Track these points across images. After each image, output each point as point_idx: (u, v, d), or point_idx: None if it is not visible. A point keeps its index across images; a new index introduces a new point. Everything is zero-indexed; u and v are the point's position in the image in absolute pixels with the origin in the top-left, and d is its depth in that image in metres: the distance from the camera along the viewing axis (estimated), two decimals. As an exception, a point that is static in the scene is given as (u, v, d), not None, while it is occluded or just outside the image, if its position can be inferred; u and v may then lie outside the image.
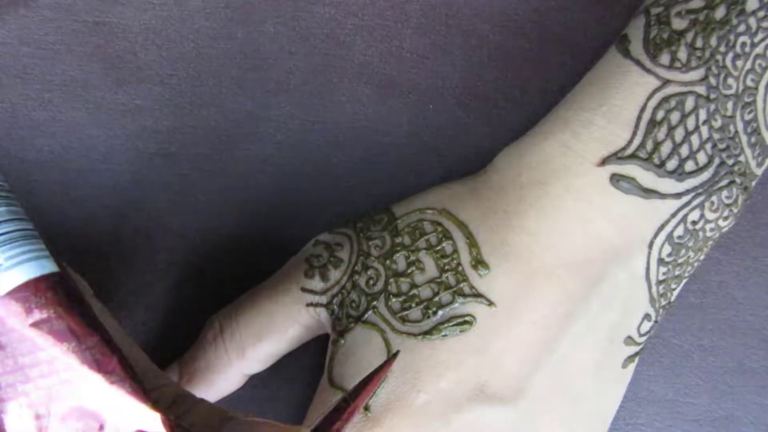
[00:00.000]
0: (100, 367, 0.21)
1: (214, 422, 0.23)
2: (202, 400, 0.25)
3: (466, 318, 0.30)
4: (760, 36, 0.30)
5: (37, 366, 0.20)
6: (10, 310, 0.20)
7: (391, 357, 0.29)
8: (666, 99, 0.30)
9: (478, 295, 0.30)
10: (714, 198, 0.30)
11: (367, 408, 0.30)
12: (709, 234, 0.31)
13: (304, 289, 0.33)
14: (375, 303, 0.31)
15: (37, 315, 0.20)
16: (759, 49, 0.30)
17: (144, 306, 0.37)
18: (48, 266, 0.21)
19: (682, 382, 0.38)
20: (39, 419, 0.20)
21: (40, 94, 0.36)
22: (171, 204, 0.37)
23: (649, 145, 0.30)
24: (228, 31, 0.36)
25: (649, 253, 0.30)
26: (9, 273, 0.20)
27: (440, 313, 0.30)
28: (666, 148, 0.30)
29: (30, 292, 0.20)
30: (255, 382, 0.36)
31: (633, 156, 0.30)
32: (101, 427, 0.21)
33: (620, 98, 0.30)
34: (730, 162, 0.30)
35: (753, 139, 0.31)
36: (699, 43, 0.30)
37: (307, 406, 0.33)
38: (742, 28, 0.30)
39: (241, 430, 0.23)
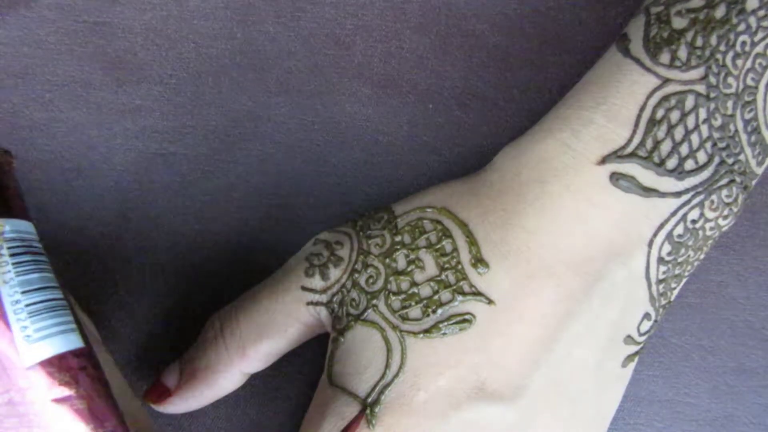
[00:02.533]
0: None
1: None
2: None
3: (466, 316, 0.30)
4: (760, 35, 0.30)
5: None
6: (34, 383, 0.20)
7: (359, 415, 0.30)
8: (666, 98, 0.30)
9: (477, 294, 0.30)
10: (714, 197, 0.30)
11: (371, 410, 0.30)
12: (709, 233, 0.31)
13: (304, 288, 0.33)
14: (375, 301, 0.31)
15: (59, 391, 0.20)
16: (759, 48, 0.30)
17: (144, 306, 0.37)
18: (75, 341, 0.21)
19: (682, 382, 0.38)
20: None
21: (40, 94, 0.36)
22: (171, 204, 0.37)
23: (649, 144, 0.30)
24: (228, 31, 0.36)
25: (649, 252, 0.30)
26: (36, 345, 0.20)
27: (440, 311, 0.30)
28: (666, 147, 0.30)
29: (55, 367, 0.20)
30: (255, 381, 0.36)
31: (633, 155, 0.30)
32: None
33: (620, 97, 0.30)
34: (730, 161, 0.30)
35: (753, 138, 0.31)
36: (699, 42, 0.30)
37: (307, 406, 0.33)
38: (742, 27, 0.30)
39: None
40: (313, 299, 0.33)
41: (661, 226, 0.30)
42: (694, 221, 0.30)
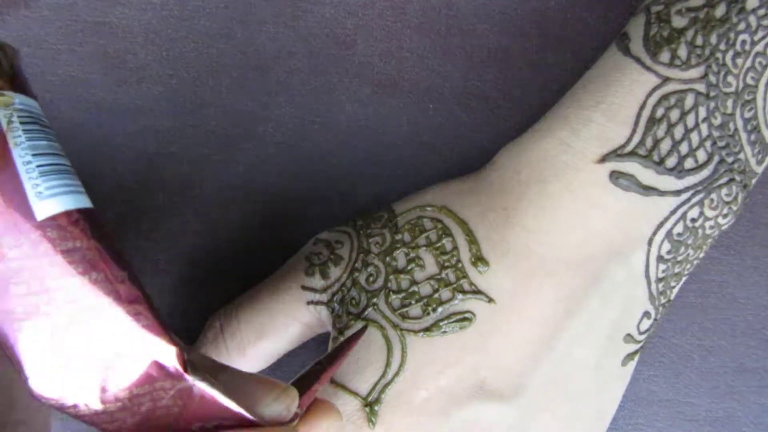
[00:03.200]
0: (123, 299, 0.21)
1: (209, 367, 0.24)
2: (195, 348, 0.26)
3: (466, 315, 0.30)
4: (760, 34, 0.30)
5: (62, 290, 0.21)
6: (44, 236, 0.20)
7: (362, 328, 0.30)
8: (666, 96, 0.30)
9: (477, 292, 0.30)
10: (713, 195, 0.30)
11: (371, 409, 0.30)
12: (708, 231, 0.31)
13: (304, 288, 0.33)
14: (375, 300, 0.31)
15: (70, 244, 0.21)
16: (759, 47, 0.30)
17: (144, 306, 0.37)
18: (84, 201, 0.22)
19: (682, 382, 0.38)
20: (54, 341, 0.21)
21: (41, 94, 0.36)
22: (171, 204, 0.37)
23: (649, 143, 0.30)
24: (228, 31, 0.36)
25: (649, 251, 0.30)
26: (47, 201, 0.21)
27: (440, 309, 0.30)
28: (665, 146, 0.30)
29: (65, 221, 0.21)
30: (255, 381, 0.36)
31: (632, 153, 0.30)
32: (117, 355, 0.21)
33: (620, 96, 0.30)
34: (730, 159, 0.30)
35: (753, 137, 0.31)
36: (699, 41, 0.30)
37: (307, 405, 0.33)
38: (742, 26, 0.30)
39: (233, 378, 0.23)
40: (313, 298, 0.33)
41: (661, 224, 0.30)
42: (693, 220, 0.30)
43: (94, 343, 0.21)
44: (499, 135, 0.37)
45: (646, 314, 0.32)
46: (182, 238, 0.37)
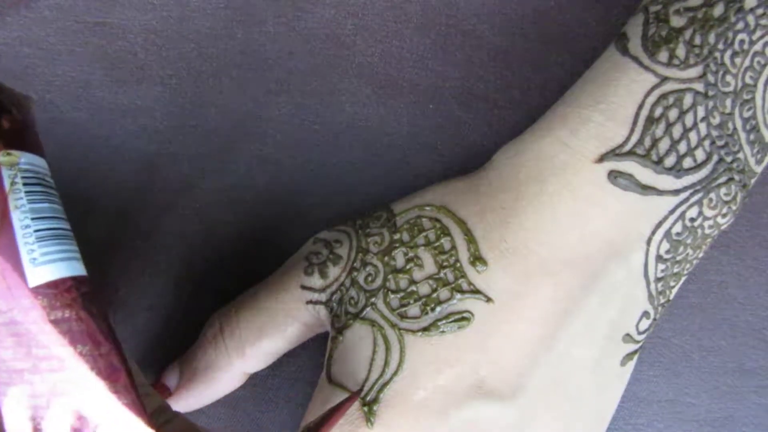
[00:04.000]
0: (107, 374, 0.21)
1: None
2: (178, 415, 0.26)
3: (465, 314, 0.30)
4: (758, 33, 0.30)
5: (47, 360, 0.21)
6: (35, 303, 0.21)
7: (354, 394, 0.30)
8: (664, 96, 0.30)
9: (476, 292, 0.30)
10: (712, 195, 0.30)
11: (370, 408, 0.30)
12: (707, 231, 0.31)
13: (303, 287, 0.33)
14: (373, 300, 0.31)
15: (59, 313, 0.21)
16: (757, 47, 0.30)
17: (144, 306, 0.37)
18: (78, 269, 0.22)
19: (682, 382, 0.38)
20: (36, 410, 0.21)
21: (41, 94, 0.36)
22: (171, 204, 0.37)
23: (647, 142, 0.30)
24: (228, 31, 0.36)
25: (648, 250, 0.30)
26: (41, 268, 0.21)
27: (438, 309, 0.30)
28: (664, 145, 0.30)
29: (57, 290, 0.21)
30: (255, 381, 0.36)
31: (631, 153, 0.30)
32: (96, 428, 0.21)
33: (618, 95, 0.30)
34: (729, 159, 0.30)
35: (752, 137, 0.31)
36: (697, 41, 0.30)
37: (307, 406, 0.33)
38: (740, 25, 0.30)
39: None
40: (312, 298, 0.33)
41: (660, 224, 0.30)
42: (692, 219, 0.30)
43: (74, 415, 0.21)
44: (499, 135, 0.37)
45: (645, 314, 0.32)
46: (182, 238, 0.37)
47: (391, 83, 0.37)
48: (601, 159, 0.30)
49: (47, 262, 0.21)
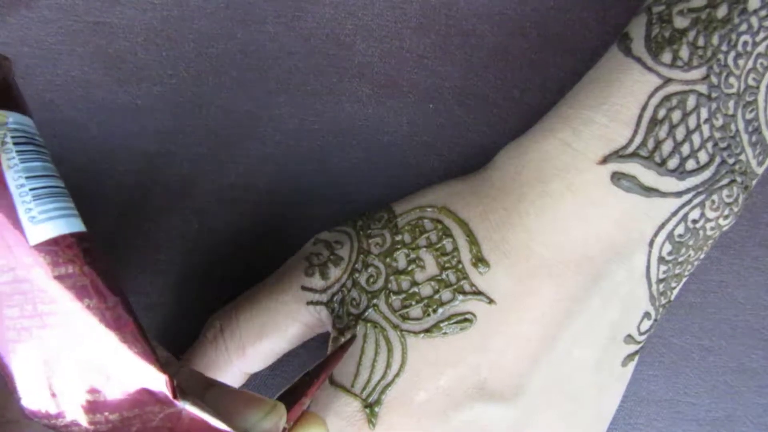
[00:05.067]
0: (115, 325, 0.21)
1: (198, 387, 0.24)
2: (185, 365, 0.26)
3: (467, 316, 0.30)
4: (761, 35, 0.30)
5: (54, 315, 0.21)
6: (38, 261, 0.21)
7: (350, 339, 0.30)
8: (667, 97, 0.30)
9: (478, 293, 0.30)
10: (714, 197, 0.30)
11: (372, 410, 0.30)
12: (709, 233, 0.31)
13: (304, 288, 0.33)
14: (375, 301, 0.31)
15: (63, 269, 0.21)
16: (760, 48, 0.30)
17: (144, 306, 0.37)
18: (77, 225, 0.22)
19: (682, 382, 0.38)
20: (47, 365, 0.21)
21: (41, 94, 0.36)
22: (171, 204, 0.36)
23: (651, 144, 0.30)
24: (228, 31, 0.36)
25: (650, 252, 0.30)
26: (41, 226, 0.21)
27: (440, 310, 0.30)
28: (667, 147, 0.30)
29: (59, 246, 0.21)
30: (255, 381, 0.36)
31: (634, 154, 0.30)
32: (108, 378, 0.21)
33: (621, 96, 0.30)
34: (731, 161, 0.30)
35: (754, 138, 0.31)
36: (701, 42, 0.30)
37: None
38: (744, 27, 0.30)
39: (222, 396, 0.24)
40: (313, 299, 0.33)
41: (662, 225, 0.30)
42: (694, 221, 0.30)
43: (85, 367, 0.21)
44: (499, 135, 0.37)
45: (647, 315, 0.32)
46: (182, 238, 0.37)
47: (391, 83, 0.37)
48: (604, 160, 0.30)
49: (46, 220, 0.21)
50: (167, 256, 0.37)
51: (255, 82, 0.36)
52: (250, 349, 0.33)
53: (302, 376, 0.27)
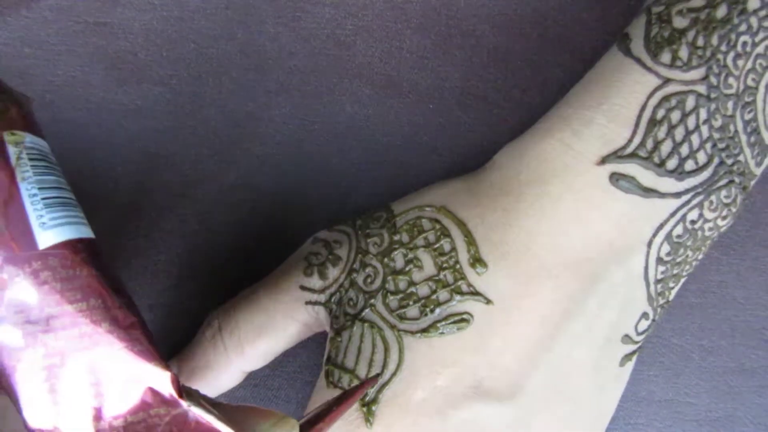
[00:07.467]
0: (120, 325, 0.22)
1: (204, 399, 0.24)
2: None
3: (464, 316, 0.30)
4: (761, 35, 0.30)
5: (60, 318, 0.21)
6: (46, 265, 0.22)
7: (375, 376, 0.30)
8: (666, 98, 0.30)
9: (475, 293, 0.30)
10: (713, 197, 0.30)
11: (369, 409, 0.30)
12: (707, 233, 0.31)
13: (302, 288, 0.33)
14: (373, 301, 0.31)
15: (70, 272, 0.22)
16: (760, 49, 0.30)
17: (144, 306, 0.37)
18: (85, 231, 0.23)
19: (682, 382, 0.38)
20: (51, 370, 0.22)
21: (41, 94, 0.36)
22: (171, 204, 0.37)
23: (650, 144, 0.30)
24: (228, 32, 0.36)
25: (648, 252, 0.30)
26: (50, 232, 0.22)
27: (438, 311, 0.30)
28: (666, 147, 0.30)
29: (66, 250, 0.22)
30: (255, 381, 0.36)
31: (633, 155, 0.30)
32: (112, 381, 0.22)
33: (621, 97, 0.30)
34: (730, 161, 0.30)
35: (752, 139, 0.31)
36: (700, 42, 0.30)
37: (307, 405, 0.33)
38: (743, 27, 0.30)
39: (230, 409, 0.24)
40: (311, 299, 0.33)
41: (661, 226, 0.30)
42: (693, 222, 0.30)
43: (89, 370, 0.22)
44: (499, 135, 0.37)
45: (645, 315, 0.32)
46: (182, 238, 0.37)
47: (391, 83, 0.37)
48: (603, 161, 0.30)
49: (55, 226, 0.22)
50: (167, 255, 0.37)
51: (255, 83, 0.36)
52: (249, 348, 0.33)
53: (324, 406, 0.27)
